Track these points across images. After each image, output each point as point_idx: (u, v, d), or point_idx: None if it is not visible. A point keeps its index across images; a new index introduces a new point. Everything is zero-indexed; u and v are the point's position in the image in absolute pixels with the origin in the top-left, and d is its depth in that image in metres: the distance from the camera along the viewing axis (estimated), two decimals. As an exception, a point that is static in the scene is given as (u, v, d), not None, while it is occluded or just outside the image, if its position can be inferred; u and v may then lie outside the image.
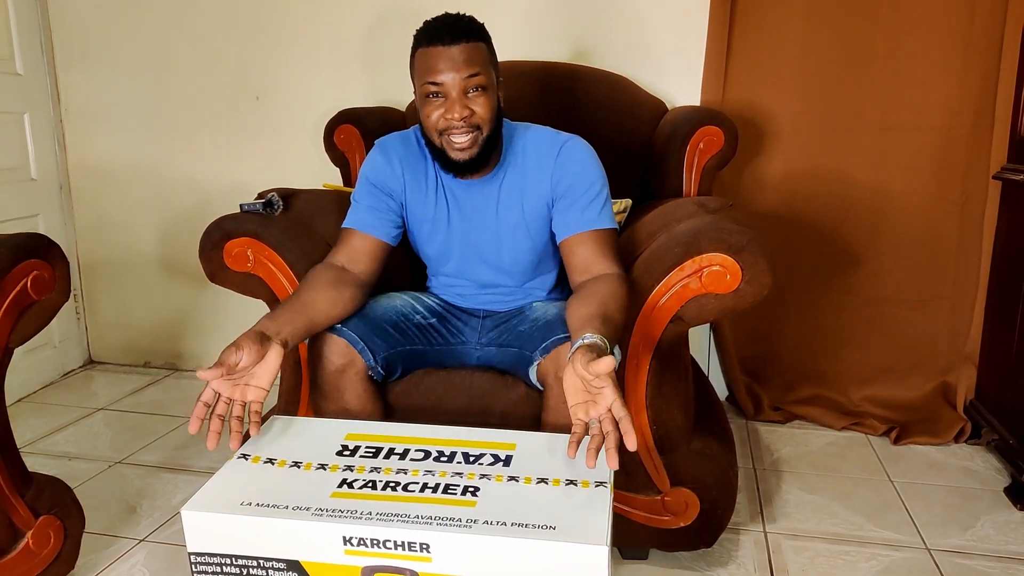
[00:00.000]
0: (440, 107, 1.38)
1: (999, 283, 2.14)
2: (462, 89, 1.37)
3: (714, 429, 1.66)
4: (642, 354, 1.45)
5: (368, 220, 1.51)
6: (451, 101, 1.37)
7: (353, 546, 0.97)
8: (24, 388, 2.57)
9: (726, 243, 1.34)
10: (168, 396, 2.57)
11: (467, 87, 1.37)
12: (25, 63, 2.57)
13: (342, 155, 2.09)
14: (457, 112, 1.36)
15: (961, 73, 2.13)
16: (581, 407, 1.11)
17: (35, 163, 2.62)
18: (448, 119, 1.38)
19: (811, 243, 2.29)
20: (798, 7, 2.16)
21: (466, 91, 1.37)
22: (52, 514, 1.42)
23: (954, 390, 2.25)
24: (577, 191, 1.45)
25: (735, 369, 2.36)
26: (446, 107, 1.37)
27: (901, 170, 2.21)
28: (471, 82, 1.37)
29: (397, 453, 1.16)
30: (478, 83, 1.37)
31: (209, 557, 1.02)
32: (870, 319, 2.31)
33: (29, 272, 1.31)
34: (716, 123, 1.89)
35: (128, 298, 2.81)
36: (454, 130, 1.38)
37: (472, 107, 1.38)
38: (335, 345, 1.39)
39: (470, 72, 1.36)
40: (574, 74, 2.12)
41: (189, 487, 1.94)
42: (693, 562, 1.62)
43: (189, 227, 2.47)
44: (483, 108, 1.38)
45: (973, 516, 1.81)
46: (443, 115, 1.38)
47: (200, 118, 2.60)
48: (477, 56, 1.37)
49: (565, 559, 0.93)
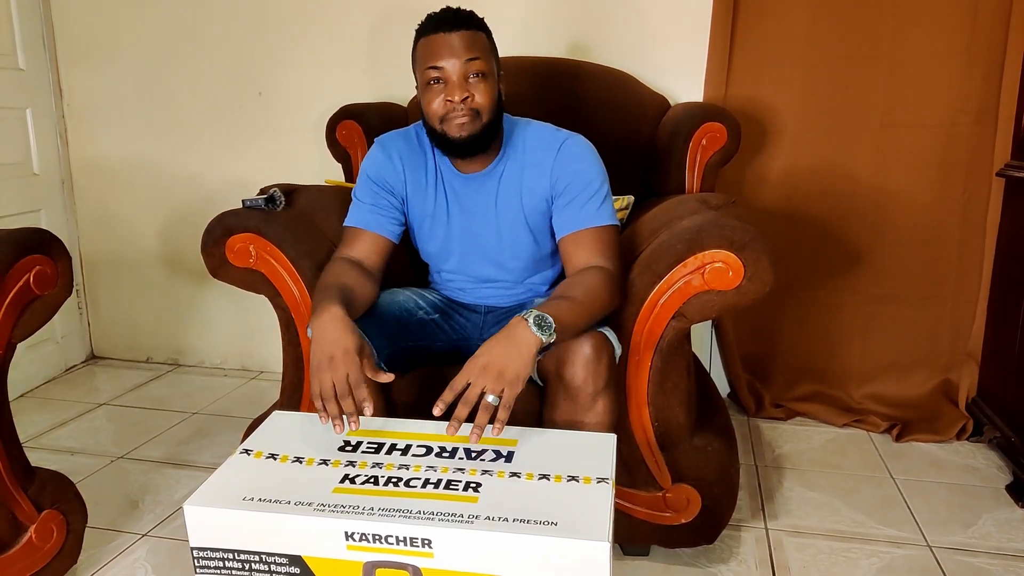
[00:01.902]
0: (440, 92, 1.38)
1: (1001, 280, 2.13)
2: (463, 74, 1.37)
3: (716, 426, 1.66)
4: (644, 351, 1.45)
5: (370, 218, 1.51)
6: (452, 85, 1.37)
7: (355, 541, 0.98)
8: (27, 383, 2.58)
9: (728, 240, 1.34)
10: (170, 391, 2.57)
11: (467, 72, 1.37)
12: (27, 58, 2.57)
13: (344, 151, 2.09)
14: (457, 95, 1.37)
15: (964, 70, 2.12)
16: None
17: (37, 158, 2.62)
18: (449, 102, 1.38)
19: (813, 240, 2.29)
20: (801, 3, 2.15)
21: (467, 76, 1.37)
22: (55, 509, 1.42)
23: (956, 387, 2.25)
24: (576, 188, 1.45)
25: (737, 366, 2.36)
26: (447, 91, 1.38)
27: (904, 167, 2.21)
28: (471, 67, 1.37)
29: (399, 449, 1.16)
30: (478, 68, 1.38)
31: (212, 552, 1.02)
32: (872, 316, 2.31)
33: (31, 267, 1.32)
34: (719, 120, 1.89)
35: (130, 294, 2.81)
36: (455, 114, 1.39)
37: (472, 92, 1.38)
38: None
39: (470, 56, 1.37)
40: (577, 70, 2.11)
41: (191, 482, 1.94)
42: (694, 559, 1.62)
43: (191, 223, 2.47)
44: (483, 95, 1.39)
45: (975, 514, 1.81)
46: (444, 99, 1.38)
47: (202, 114, 2.60)
48: (477, 43, 1.38)
49: (567, 555, 0.93)
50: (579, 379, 1.27)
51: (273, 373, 2.68)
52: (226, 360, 2.79)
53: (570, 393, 1.29)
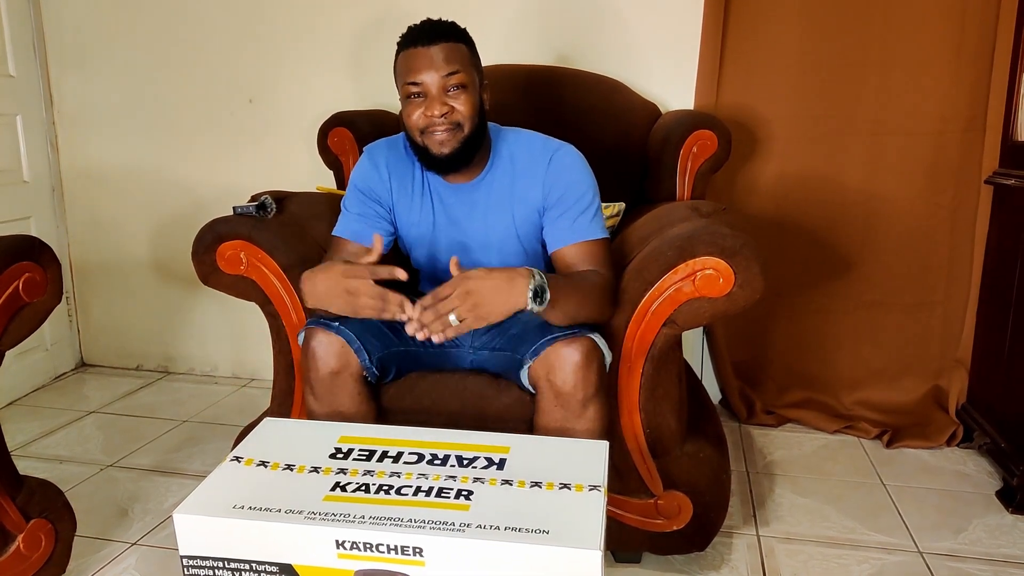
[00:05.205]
0: (420, 106, 1.39)
1: (991, 287, 2.15)
2: (442, 87, 1.37)
3: (707, 432, 1.67)
4: (635, 358, 1.45)
5: (356, 228, 1.52)
6: (431, 99, 1.38)
7: (346, 550, 0.97)
8: (15, 391, 2.56)
9: (719, 247, 1.35)
10: (160, 399, 2.56)
11: (447, 85, 1.37)
12: (18, 65, 2.56)
13: (336, 158, 2.09)
14: (437, 109, 1.37)
15: (953, 78, 2.14)
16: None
17: (27, 165, 2.61)
18: (428, 116, 1.38)
19: (804, 247, 2.30)
20: (792, 12, 2.17)
21: (446, 89, 1.38)
22: (43, 517, 1.41)
23: (946, 394, 2.26)
24: (569, 200, 1.45)
25: (728, 373, 2.36)
26: (426, 105, 1.38)
27: (893, 175, 2.22)
28: (451, 80, 1.37)
29: (390, 456, 1.16)
30: (458, 81, 1.38)
31: (201, 561, 1.02)
32: (862, 323, 2.31)
33: (21, 275, 1.31)
34: (710, 127, 1.89)
35: (120, 301, 2.80)
36: (434, 127, 1.39)
37: (452, 104, 1.38)
38: (331, 345, 1.38)
39: (449, 70, 1.37)
40: (567, 78, 2.12)
41: (181, 490, 1.93)
42: (686, 565, 1.62)
43: (182, 230, 2.45)
44: (463, 106, 1.39)
45: (965, 519, 1.81)
46: (423, 113, 1.39)
47: (193, 121, 2.60)
48: (456, 55, 1.38)
49: (558, 563, 0.93)
50: (569, 385, 1.28)
51: (264, 380, 2.67)
52: (216, 367, 2.78)
53: (560, 400, 1.29)
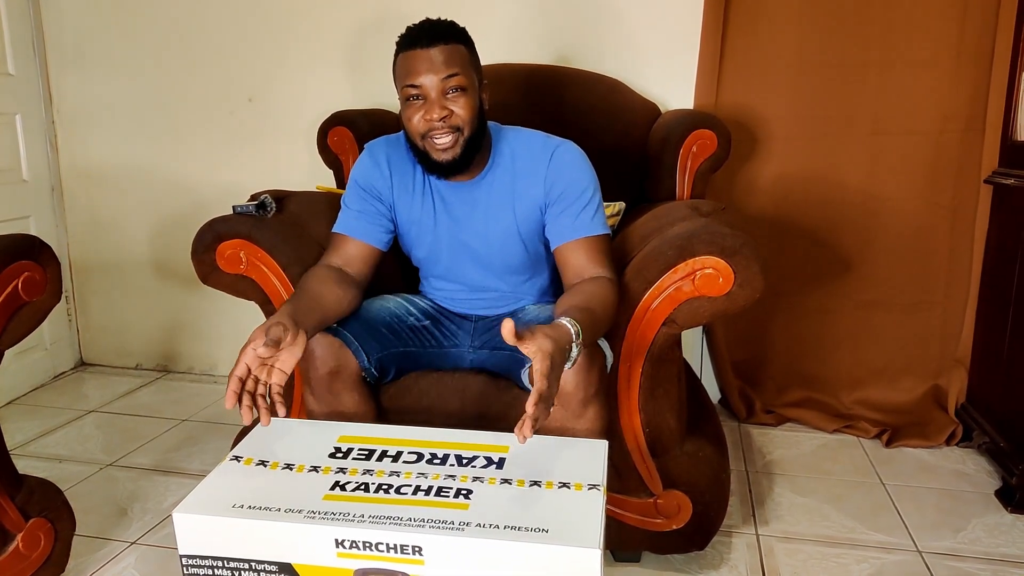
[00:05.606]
0: (420, 109, 1.38)
1: (990, 287, 2.15)
2: (441, 90, 1.37)
3: (707, 432, 1.66)
4: (635, 357, 1.45)
5: (358, 225, 1.52)
6: (430, 102, 1.37)
7: (345, 549, 0.97)
8: (15, 390, 2.56)
9: (719, 246, 1.35)
10: (160, 398, 2.56)
11: (446, 88, 1.37)
12: (17, 64, 2.56)
13: (335, 157, 2.09)
14: (436, 113, 1.37)
15: (953, 78, 2.14)
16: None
17: (27, 164, 2.61)
18: (428, 120, 1.38)
19: (803, 246, 2.30)
20: (792, 12, 2.17)
21: (445, 92, 1.37)
22: (42, 516, 1.41)
23: (945, 393, 2.26)
24: (570, 197, 1.45)
25: (727, 372, 2.36)
26: (426, 108, 1.38)
27: (893, 174, 2.22)
28: (450, 83, 1.37)
29: (390, 455, 1.16)
30: (457, 84, 1.37)
31: (201, 560, 1.02)
32: (862, 322, 2.31)
33: (20, 273, 1.31)
34: (709, 127, 1.89)
35: (120, 300, 2.80)
36: (435, 132, 1.39)
37: (452, 107, 1.38)
38: (330, 346, 1.38)
39: (448, 73, 1.36)
40: (567, 77, 2.12)
41: (181, 489, 1.93)
42: (685, 565, 1.62)
43: (181, 229, 2.45)
44: (463, 109, 1.38)
45: (964, 519, 1.81)
46: (423, 116, 1.38)
47: (193, 120, 2.60)
48: (456, 57, 1.37)
49: (558, 562, 0.93)
50: (570, 385, 1.27)
51: (264, 380, 2.66)
52: (216, 366, 2.78)
53: (560, 400, 1.29)
